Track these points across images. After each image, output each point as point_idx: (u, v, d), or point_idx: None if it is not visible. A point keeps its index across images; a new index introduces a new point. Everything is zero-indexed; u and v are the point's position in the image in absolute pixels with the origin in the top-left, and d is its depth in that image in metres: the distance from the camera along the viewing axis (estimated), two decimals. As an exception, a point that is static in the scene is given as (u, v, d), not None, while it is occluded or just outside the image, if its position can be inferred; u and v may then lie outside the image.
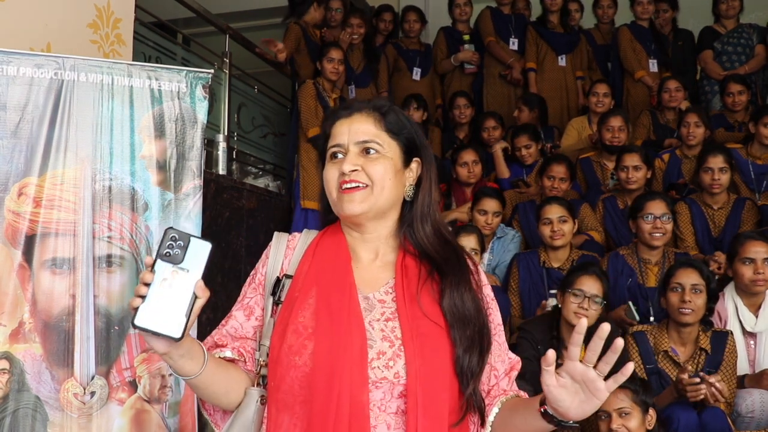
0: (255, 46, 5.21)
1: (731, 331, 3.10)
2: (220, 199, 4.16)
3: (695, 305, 2.98)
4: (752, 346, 3.22)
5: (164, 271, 1.19)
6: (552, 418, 1.25)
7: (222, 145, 4.64)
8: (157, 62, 4.21)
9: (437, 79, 6.20)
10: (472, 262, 1.42)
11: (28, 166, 2.20)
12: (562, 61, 5.89)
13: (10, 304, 2.14)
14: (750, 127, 4.53)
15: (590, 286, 3.06)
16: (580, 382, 1.20)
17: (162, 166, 2.34)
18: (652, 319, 3.44)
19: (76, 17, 3.14)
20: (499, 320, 1.43)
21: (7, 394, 2.11)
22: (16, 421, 2.11)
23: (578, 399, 1.21)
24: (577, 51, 5.95)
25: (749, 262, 3.22)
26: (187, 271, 1.19)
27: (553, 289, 3.58)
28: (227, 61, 4.81)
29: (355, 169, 1.34)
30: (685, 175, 4.51)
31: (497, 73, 5.98)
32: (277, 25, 6.11)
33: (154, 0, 4.56)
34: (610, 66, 5.95)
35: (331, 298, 1.31)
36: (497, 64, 5.98)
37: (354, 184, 1.34)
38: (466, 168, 4.71)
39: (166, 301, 1.18)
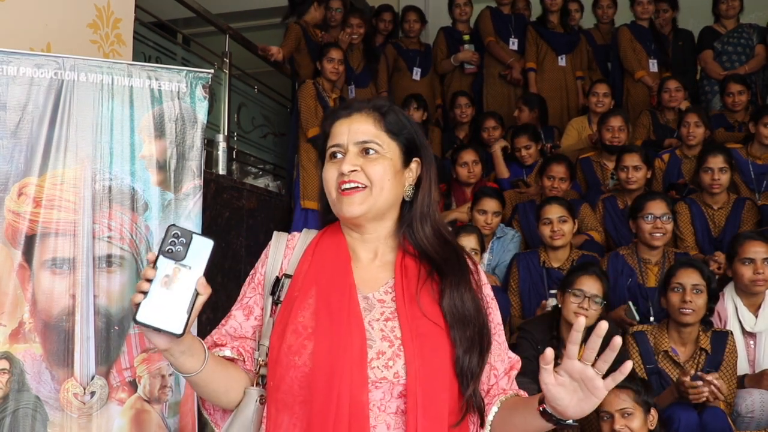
0: (255, 46, 5.21)
1: (731, 332, 3.09)
2: (220, 199, 4.16)
3: (696, 305, 2.98)
4: (752, 346, 3.22)
5: (166, 268, 1.19)
6: (551, 417, 1.25)
7: (222, 145, 4.65)
8: (157, 62, 4.21)
9: (437, 79, 6.19)
10: (472, 262, 1.42)
11: (28, 166, 2.20)
12: (562, 61, 5.89)
13: (10, 304, 2.14)
14: (750, 127, 4.53)
15: (590, 286, 3.05)
16: (579, 380, 1.20)
17: (162, 166, 2.34)
18: (652, 319, 3.44)
19: (76, 17, 3.14)
20: (498, 319, 1.43)
21: (7, 394, 2.11)
22: (16, 421, 2.11)
23: (577, 397, 1.21)
24: (577, 51, 5.95)
25: (749, 263, 3.22)
26: (189, 268, 1.20)
27: (553, 289, 3.58)
28: (227, 61, 4.81)
29: (355, 170, 1.34)
30: (685, 175, 4.51)
31: (497, 73, 5.98)
32: (277, 25, 6.11)
33: (154, 0, 4.56)
34: (610, 66, 5.95)
35: (330, 298, 1.30)
36: (497, 64, 5.98)
37: (353, 185, 1.34)
38: (466, 168, 4.71)
39: (167, 298, 1.18)
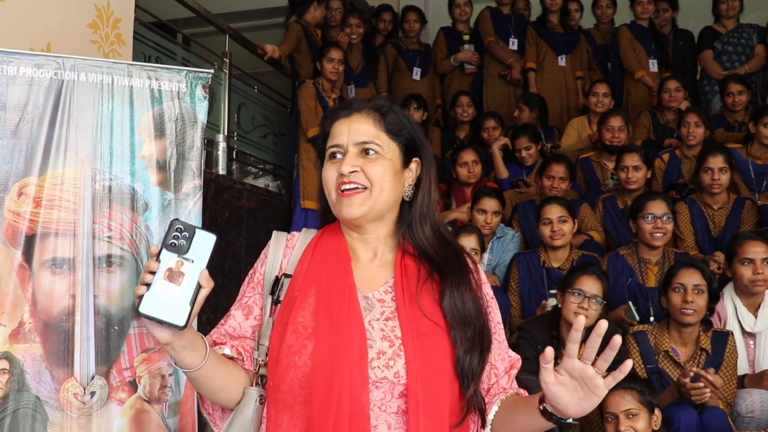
0: (255, 46, 5.21)
1: (732, 332, 3.10)
2: (220, 199, 4.16)
3: (697, 305, 2.98)
4: (752, 346, 3.22)
5: (169, 261, 1.20)
6: (551, 416, 1.25)
7: (222, 145, 4.65)
8: (157, 62, 4.21)
9: (437, 79, 6.19)
10: (472, 261, 1.42)
11: (28, 166, 2.19)
12: (562, 61, 5.89)
13: (10, 304, 2.14)
14: (750, 127, 4.53)
15: (590, 286, 3.06)
16: (579, 379, 1.20)
17: (162, 166, 2.33)
18: (652, 319, 3.44)
19: (76, 17, 3.14)
20: (498, 318, 1.43)
21: (7, 394, 2.11)
22: (16, 421, 2.11)
23: (577, 396, 1.21)
24: (577, 51, 5.95)
25: (748, 263, 3.22)
26: (192, 262, 1.21)
27: (553, 289, 3.58)
28: (227, 61, 4.81)
29: (354, 170, 1.33)
30: (685, 175, 4.51)
31: (497, 73, 5.98)
32: (277, 25, 6.11)
33: (154, 0, 4.56)
34: (610, 66, 5.95)
35: (330, 298, 1.30)
36: (497, 64, 5.98)
37: (353, 186, 1.33)
38: (466, 168, 4.71)
39: (170, 290, 1.19)
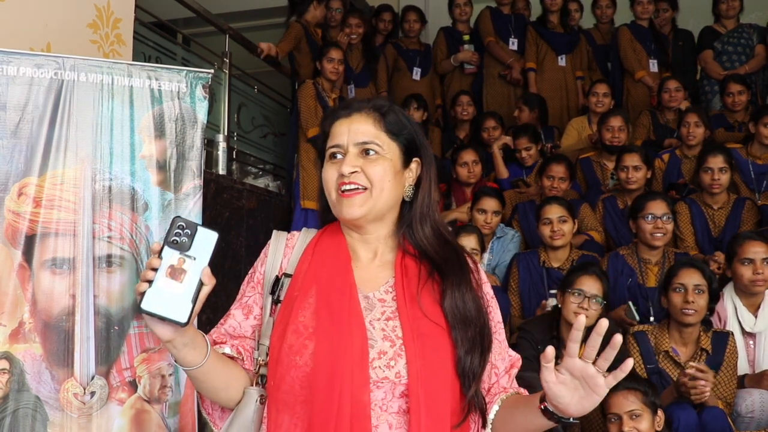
0: (255, 46, 5.22)
1: (732, 332, 3.09)
2: (220, 199, 4.16)
3: (698, 305, 2.98)
4: (751, 346, 3.22)
5: (171, 258, 1.20)
6: (552, 415, 1.25)
7: (222, 145, 4.65)
8: (157, 62, 4.21)
9: (437, 79, 6.19)
10: (472, 261, 1.42)
11: (28, 166, 2.19)
12: (562, 61, 5.89)
13: (10, 304, 2.14)
14: (750, 127, 4.53)
15: (590, 286, 3.06)
16: (580, 378, 1.20)
17: (162, 166, 2.33)
18: (652, 319, 3.44)
19: (76, 17, 3.14)
20: (499, 318, 1.43)
21: (7, 394, 2.11)
22: (16, 421, 2.11)
23: (578, 395, 1.21)
24: (577, 51, 5.95)
25: (748, 263, 3.22)
26: (194, 259, 1.21)
27: (553, 289, 3.58)
28: (227, 61, 4.81)
29: (355, 171, 1.33)
30: (685, 175, 4.51)
31: (497, 73, 5.98)
32: (277, 25, 6.11)
33: (154, 0, 4.56)
34: (610, 66, 5.95)
35: (331, 298, 1.30)
36: (497, 64, 5.98)
37: (353, 186, 1.33)
38: (466, 168, 4.71)
39: (172, 288, 1.19)
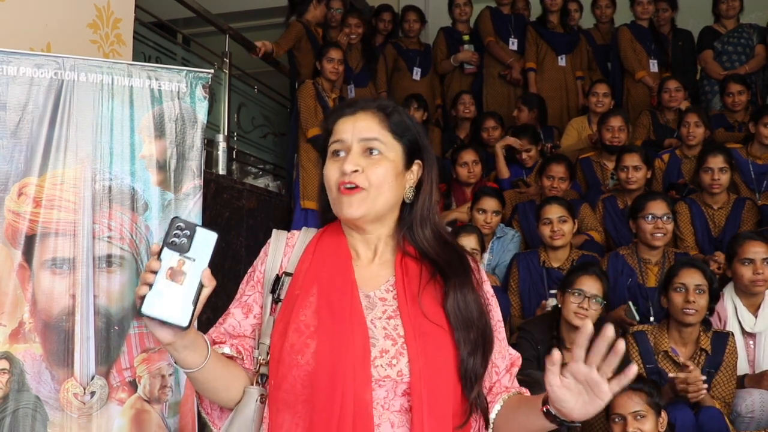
0: (255, 46, 5.21)
1: (732, 333, 3.09)
2: (220, 199, 4.16)
3: (699, 305, 2.98)
4: (752, 347, 3.22)
5: (170, 260, 1.19)
6: (555, 418, 1.24)
7: (222, 145, 4.65)
8: (157, 62, 4.22)
9: (437, 79, 6.19)
10: (473, 260, 1.42)
11: (28, 166, 2.20)
12: (562, 61, 5.88)
13: (10, 304, 2.14)
14: (750, 127, 4.53)
15: (590, 286, 3.05)
16: (584, 383, 1.19)
17: (162, 166, 2.34)
18: (652, 319, 3.44)
19: (76, 17, 3.14)
20: (499, 316, 1.43)
21: (7, 394, 2.11)
22: (16, 421, 2.11)
23: (582, 400, 1.20)
24: (577, 51, 5.95)
25: (748, 263, 3.21)
26: (194, 260, 1.19)
27: (553, 289, 3.57)
28: (227, 61, 4.81)
29: (356, 170, 1.33)
30: (685, 175, 4.51)
31: (497, 73, 5.98)
32: (277, 25, 6.11)
33: (154, 0, 4.56)
34: (610, 66, 5.95)
35: (332, 297, 1.30)
36: (497, 64, 5.98)
37: (353, 185, 1.33)
38: (466, 168, 4.71)
39: (172, 290, 1.17)
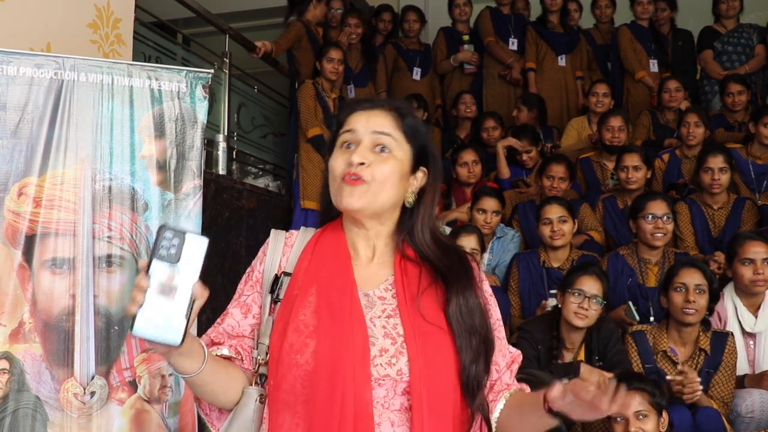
0: (255, 47, 5.21)
1: (732, 333, 3.09)
2: (220, 199, 4.16)
3: (699, 305, 2.98)
4: (752, 347, 3.22)
5: (161, 273, 1.15)
6: (557, 414, 1.25)
7: (222, 145, 4.65)
8: (157, 62, 4.21)
9: (437, 79, 6.19)
10: (471, 259, 1.43)
11: (28, 166, 2.20)
12: (562, 61, 5.88)
13: (10, 304, 2.14)
14: (750, 127, 4.53)
15: (590, 286, 3.05)
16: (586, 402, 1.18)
17: (162, 166, 2.34)
18: (652, 319, 3.44)
19: (76, 17, 3.14)
20: (498, 315, 1.43)
21: (7, 394, 2.12)
22: (16, 421, 2.11)
23: (581, 410, 1.20)
24: (577, 51, 5.95)
25: (749, 263, 3.21)
26: (184, 271, 1.16)
27: (553, 289, 3.57)
28: (227, 61, 4.81)
29: (363, 163, 1.33)
30: (685, 175, 4.51)
31: (497, 73, 5.98)
32: (277, 25, 6.11)
33: (154, 0, 4.56)
34: (610, 66, 5.95)
35: (331, 296, 1.30)
36: (497, 64, 5.97)
37: (357, 177, 1.32)
38: (466, 168, 4.71)
39: (163, 305, 1.14)
